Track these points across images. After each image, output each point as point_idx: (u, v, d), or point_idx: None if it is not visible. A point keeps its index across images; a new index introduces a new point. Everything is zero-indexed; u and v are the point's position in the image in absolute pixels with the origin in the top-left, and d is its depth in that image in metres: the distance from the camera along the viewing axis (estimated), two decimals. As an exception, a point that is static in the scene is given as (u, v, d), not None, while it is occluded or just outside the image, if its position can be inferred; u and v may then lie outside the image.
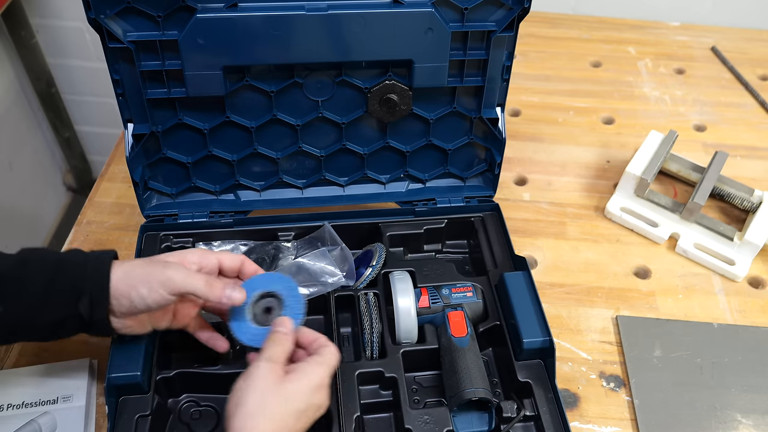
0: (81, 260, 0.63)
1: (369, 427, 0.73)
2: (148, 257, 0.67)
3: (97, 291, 0.62)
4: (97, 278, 0.62)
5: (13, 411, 0.72)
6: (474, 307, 0.79)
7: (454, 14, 0.76)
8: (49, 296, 0.61)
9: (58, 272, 0.61)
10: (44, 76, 1.53)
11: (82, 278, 0.61)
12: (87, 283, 0.61)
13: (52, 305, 0.61)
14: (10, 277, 0.60)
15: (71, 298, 0.61)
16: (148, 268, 0.63)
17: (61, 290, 0.61)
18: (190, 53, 0.73)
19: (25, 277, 0.60)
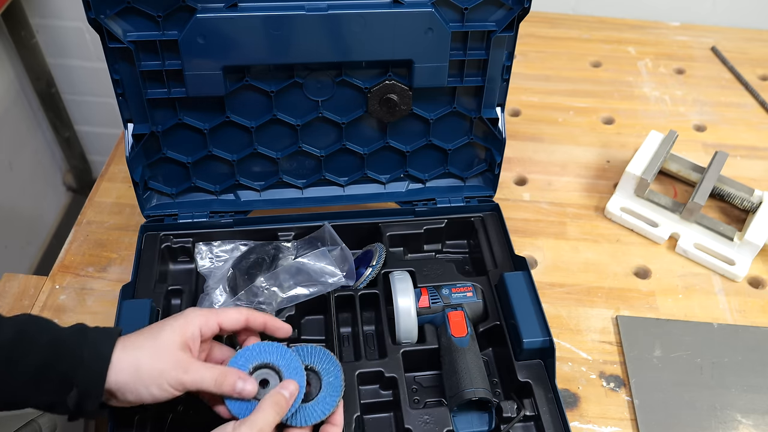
0: (77, 347, 0.59)
1: (369, 427, 0.73)
2: (148, 335, 0.62)
3: (90, 385, 0.58)
4: (92, 373, 0.58)
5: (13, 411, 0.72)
6: (474, 307, 0.79)
7: (454, 14, 0.76)
8: (38, 384, 0.57)
9: (51, 358, 0.57)
10: (44, 76, 1.53)
11: (75, 368, 0.58)
12: (80, 376, 0.58)
13: (42, 392, 0.58)
14: (1, 356, 0.56)
15: (61, 389, 0.58)
16: (153, 367, 0.60)
17: (51, 379, 0.57)
18: (190, 53, 0.73)
19: (17, 359, 0.57)
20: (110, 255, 0.91)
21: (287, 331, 0.69)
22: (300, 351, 0.68)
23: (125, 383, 0.59)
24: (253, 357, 0.65)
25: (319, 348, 0.68)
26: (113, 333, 0.61)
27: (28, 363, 0.57)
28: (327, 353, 0.68)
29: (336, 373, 0.67)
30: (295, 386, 0.62)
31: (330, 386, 0.66)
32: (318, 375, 0.67)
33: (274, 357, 0.65)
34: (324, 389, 0.66)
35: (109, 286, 0.87)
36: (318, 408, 0.64)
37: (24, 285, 0.87)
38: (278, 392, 0.61)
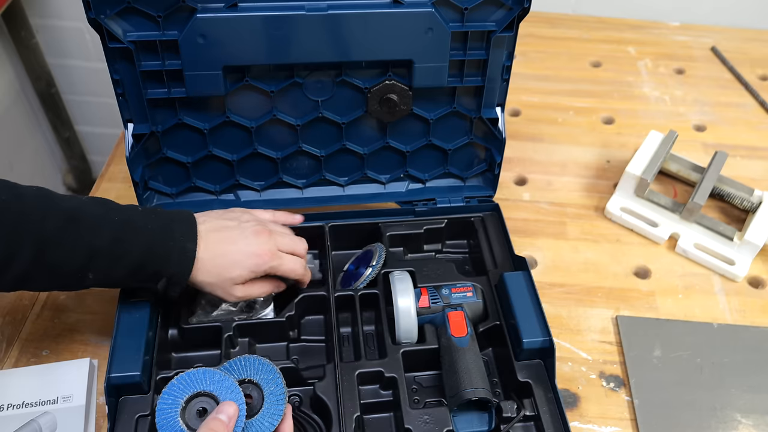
0: (167, 249, 0.68)
1: (369, 427, 0.73)
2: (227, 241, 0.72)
3: (177, 278, 0.69)
4: (180, 270, 0.69)
5: (13, 411, 0.72)
6: (474, 307, 0.79)
7: (454, 14, 0.76)
8: (133, 276, 0.68)
9: (145, 259, 0.67)
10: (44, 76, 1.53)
11: (166, 267, 0.68)
12: (170, 270, 0.68)
13: (136, 281, 0.69)
14: (104, 253, 0.65)
15: (152, 279, 0.69)
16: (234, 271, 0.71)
17: (145, 274, 0.68)
18: (190, 53, 0.73)
19: (117, 257, 0.66)
20: (110, 255, 0.91)
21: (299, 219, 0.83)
22: (235, 365, 0.66)
23: (202, 283, 0.71)
24: (182, 389, 0.63)
25: (254, 358, 0.67)
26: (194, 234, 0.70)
27: (125, 262, 0.66)
28: (263, 362, 0.67)
29: (276, 381, 0.65)
30: (233, 407, 0.61)
31: (273, 395, 0.65)
32: (258, 387, 0.65)
33: (204, 383, 0.63)
34: (267, 400, 0.64)
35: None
36: (265, 421, 0.63)
37: (24, 285, 0.87)
38: (213, 418, 0.60)
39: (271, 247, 0.73)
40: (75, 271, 0.64)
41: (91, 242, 0.64)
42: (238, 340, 0.77)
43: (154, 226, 0.68)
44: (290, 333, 0.80)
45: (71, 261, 0.64)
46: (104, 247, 0.65)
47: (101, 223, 0.65)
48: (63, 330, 0.82)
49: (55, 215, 0.63)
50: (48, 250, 0.62)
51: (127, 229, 0.66)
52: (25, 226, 0.61)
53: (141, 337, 0.72)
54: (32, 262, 0.62)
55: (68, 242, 0.63)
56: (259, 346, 0.79)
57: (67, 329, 0.83)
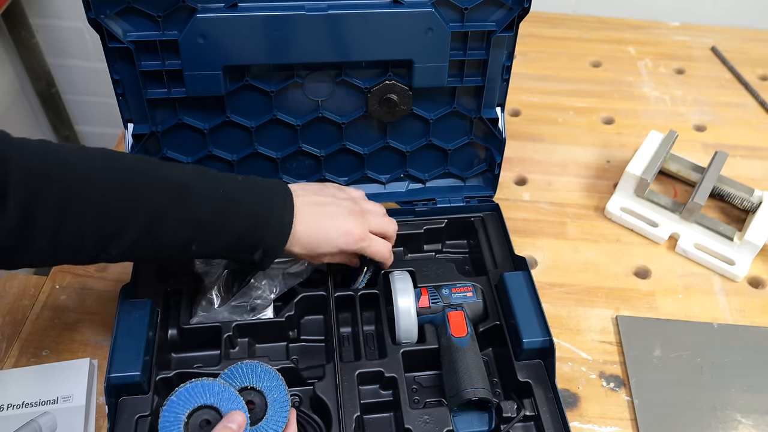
0: (266, 223, 0.69)
1: (369, 427, 0.73)
2: (323, 215, 0.73)
3: (273, 250, 0.69)
4: (276, 242, 0.69)
5: (13, 411, 0.72)
6: (474, 307, 0.79)
7: (454, 14, 0.76)
8: (233, 248, 0.68)
9: (246, 232, 0.67)
10: (44, 76, 1.53)
11: (264, 239, 0.68)
12: (267, 242, 0.69)
13: (233, 252, 0.69)
14: (208, 227, 0.66)
15: (250, 251, 0.69)
16: (329, 245, 0.72)
17: (244, 246, 0.68)
18: (190, 53, 0.73)
19: (220, 230, 0.66)
20: (110, 255, 0.91)
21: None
22: (236, 372, 0.66)
23: (291, 253, 0.72)
24: (183, 405, 0.62)
25: (255, 364, 0.66)
26: (290, 207, 0.70)
27: (226, 237, 0.67)
28: (264, 368, 0.66)
29: (279, 387, 0.65)
30: (241, 416, 0.61)
31: (276, 402, 0.64)
32: (261, 393, 0.65)
33: (204, 397, 0.62)
34: (271, 407, 0.64)
35: (109, 286, 0.87)
36: (269, 428, 0.63)
37: (24, 285, 0.87)
38: (224, 426, 0.60)
39: (363, 229, 0.74)
40: (180, 244, 0.65)
41: (197, 216, 0.65)
42: (238, 340, 0.77)
43: (254, 199, 0.69)
44: (290, 333, 0.80)
45: (177, 235, 0.64)
46: (208, 220, 0.65)
47: (207, 196, 0.66)
48: (63, 330, 0.82)
49: (163, 190, 0.63)
50: (156, 225, 0.62)
51: (231, 203, 0.67)
52: (136, 199, 0.61)
53: (141, 337, 0.72)
54: (141, 236, 0.62)
55: (175, 217, 0.63)
56: (258, 346, 0.79)
57: (67, 329, 0.83)
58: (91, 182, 0.59)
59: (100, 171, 0.61)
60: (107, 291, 0.87)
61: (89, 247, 0.61)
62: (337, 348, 0.75)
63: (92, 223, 0.59)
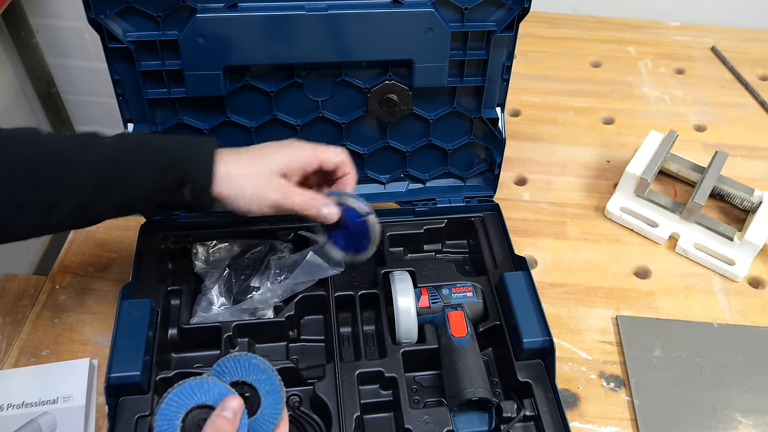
0: (188, 149, 0.68)
1: (369, 427, 0.73)
2: (253, 159, 0.69)
3: (200, 182, 0.67)
4: (201, 173, 0.67)
5: (13, 411, 0.72)
6: (474, 307, 0.79)
7: (454, 14, 0.76)
8: (159, 184, 0.67)
9: (165, 167, 0.66)
10: (44, 76, 1.53)
11: (187, 170, 0.67)
12: (191, 174, 0.67)
13: (161, 194, 0.67)
14: (126, 166, 0.65)
15: (178, 186, 0.67)
16: (256, 188, 0.69)
17: (168, 181, 0.67)
18: (190, 53, 0.73)
19: (138, 167, 0.66)
20: (110, 255, 0.91)
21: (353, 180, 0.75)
22: (225, 366, 0.62)
23: (227, 196, 0.68)
24: (176, 409, 0.58)
25: (242, 357, 0.62)
26: (211, 147, 0.68)
27: (146, 173, 0.66)
28: (252, 360, 0.62)
29: (270, 379, 0.61)
30: (237, 401, 0.58)
31: (269, 394, 0.61)
32: (252, 387, 0.61)
33: (196, 397, 0.59)
34: (264, 399, 0.61)
35: (109, 286, 0.87)
36: (265, 420, 0.60)
37: (24, 285, 0.87)
38: (218, 415, 0.57)
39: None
40: (99, 182, 0.64)
41: (116, 150, 0.65)
42: (238, 340, 0.77)
43: (172, 139, 0.69)
44: (290, 333, 0.80)
45: (94, 172, 0.64)
46: (127, 153, 0.65)
47: (122, 138, 0.67)
48: (63, 330, 0.82)
49: (75, 138, 0.66)
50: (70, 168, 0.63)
51: (146, 139, 0.68)
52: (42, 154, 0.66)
53: (141, 337, 0.72)
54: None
55: (91, 155, 0.64)
56: (258, 346, 0.79)
57: (67, 329, 0.83)
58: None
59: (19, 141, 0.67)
60: (107, 291, 0.87)
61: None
62: (337, 348, 0.75)
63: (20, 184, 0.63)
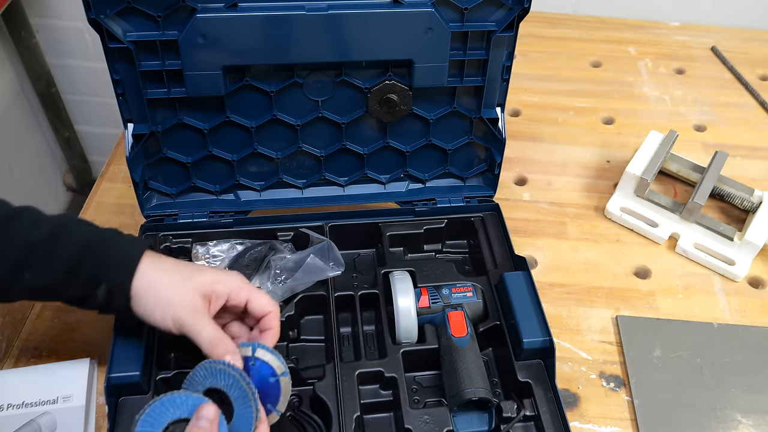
0: (108, 248, 0.63)
1: (369, 427, 0.73)
2: (179, 268, 0.66)
3: (116, 285, 0.63)
4: (119, 274, 0.63)
5: (13, 411, 0.72)
6: (474, 307, 0.79)
7: (454, 14, 0.76)
8: (71, 276, 0.63)
9: (83, 255, 0.62)
10: (44, 76, 1.53)
11: (105, 268, 0.63)
12: (108, 274, 0.63)
13: (74, 284, 0.63)
14: (39, 248, 0.62)
15: (91, 284, 0.63)
16: (169, 295, 0.63)
17: (82, 274, 0.63)
18: (190, 53, 0.73)
19: (52, 255, 0.62)
20: (110, 255, 0.91)
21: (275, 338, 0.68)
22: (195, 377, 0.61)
23: (140, 296, 0.63)
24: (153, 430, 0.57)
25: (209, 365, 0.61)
26: (142, 244, 0.65)
27: (62, 258, 0.62)
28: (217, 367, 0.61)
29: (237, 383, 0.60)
30: (211, 409, 0.56)
31: (239, 399, 0.60)
32: (223, 392, 0.61)
33: (170, 413, 0.58)
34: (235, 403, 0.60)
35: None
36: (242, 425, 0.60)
37: (24, 285, 0.87)
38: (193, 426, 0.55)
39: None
40: (10, 269, 0.61)
41: (28, 238, 0.61)
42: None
43: (98, 229, 0.65)
44: (290, 333, 0.80)
45: (6, 258, 0.61)
46: (41, 241, 0.61)
47: (42, 221, 0.63)
48: (63, 330, 0.82)
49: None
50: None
51: (69, 226, 0.64)
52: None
53: (141, 337, 0.72)
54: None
55: (4, 240, 0.61)
56: (259, 346, 0.79)
57: (67, 329, 0.83)
58: None
59: None
60: (107, 291, 0.87)
61: None
62: (337, 348, 0.75)
63: None
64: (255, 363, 0.64)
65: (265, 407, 0.63)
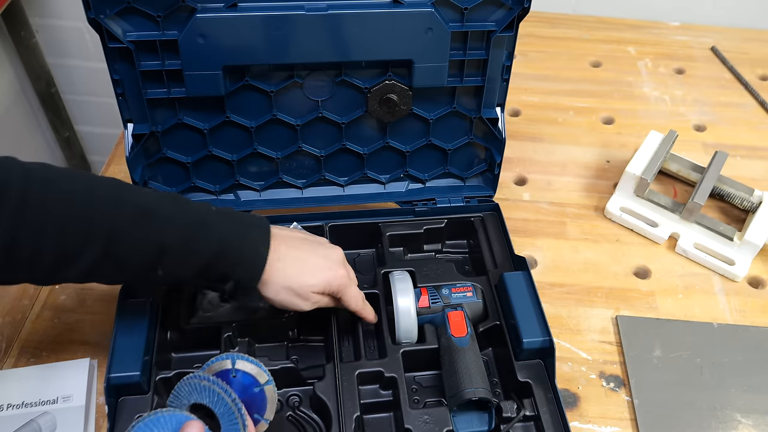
0: (238, 251, 0.66)
1: (369, 427, 0.73)
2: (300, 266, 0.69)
3: (244, 283, 0.67)
4: (248, 276, 0.66)
5: (13, 411, 0.72)
6: (474, 307, 0.79)
7: (454, 14, 0.76)
8: (201, 275, 0.65)
9: (214, 259, 0.65)
10: (44, 76, 1.53)
11: (235, 270, 0.66)
12: (238, 274, 0.66)
13: (204, 279, 0.67)
14: (174, 250, 0.63)
15: (221, 281, 0.66)
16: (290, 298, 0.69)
17: (214, 274, 0.66)
18: (190, 53, 0.73)
19: (187, 254, 0.64)
20: (110, 255, 0.91)
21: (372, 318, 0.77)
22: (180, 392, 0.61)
23: (270, 282, 0.67)
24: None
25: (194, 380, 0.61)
26: (266, 239, 0.67)
27: (195, 261, 0.64)
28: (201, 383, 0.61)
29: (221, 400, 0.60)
30: (196, 426, 0.56)
31: (224, 415, 0.60)
32: (208, 408, 0.60)
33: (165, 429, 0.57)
34: (221, 419, 0.60)
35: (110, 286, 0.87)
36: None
37: (24, 285, 0.87)
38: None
39: (347, 269, 0.73)
40: (144, 266, 0.63)
41: (162, 238, 0.62)
42: (238, 340, 0.77)
43: (227, 226, 0.66)
44: (290, 333, 0.80)
45: (140, 256, 0.62)
46: (175, 243, 0.63)
47: (174, 218, 0.64)
48: (63, 330, 0.82)
49: (128, 208, 0.61)
50: (117, 244, 0.61)
51: (200, 228, 0.64)
52: (96, 218, 0.60)
53: (141, 337, 0.72)
54: (102, 255, 0.60)
55: (139, 237, 0.62)
56: (258, 346, 0.79)
57: (67, 329, 0.83)
58: (51, 198, 0.58)
59: (61, 187, 0.59)
60: (107, 291, 0.87)
61: (45, 264, 0.59)
62: (337, 348, 0.75)
63: (49, 239, 0.58)
64: (236, 375, 0.64)
65: (253, 417, 0.63)
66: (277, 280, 0.67)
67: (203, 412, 0.60)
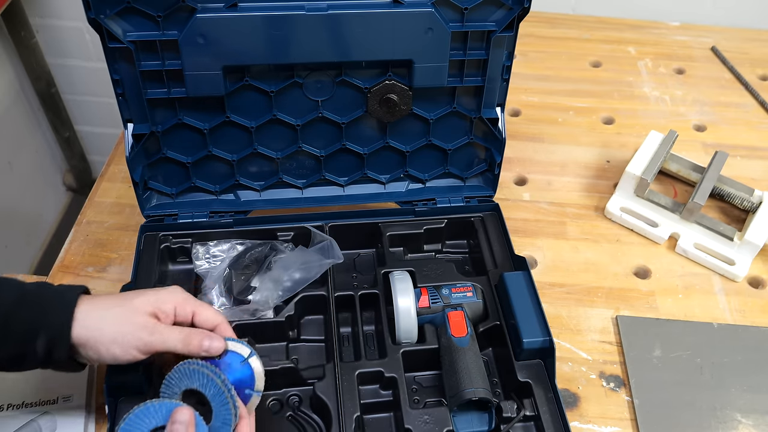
0: (42, 296, 0.60)
1: (369, 427, 0.73)
2: (117, 298, 0.64)
3: (56, 332, 0.59)
4: (57, 320, 0.59)
5: (13, 411, 0.72)
6: (474, 307, 0.79)
7: (454, 14, 0.76)
8: (5, 333, 0.58)
9: (16, 307, 0.58)
10: (44, 76, 1.53)
11: (42, 315, 0.59)
12: (46, 322, 0.59)
13: (9, 341, 0.59)
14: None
15: (28, 337, 0.59)
16: (119, 326, 0.61)
17: (17, 327, 0.59)
18: (190, 53, 0.73)
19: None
20: (110, 255, 0.91)
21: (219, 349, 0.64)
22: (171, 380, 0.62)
23: (87, 340, 0.60)
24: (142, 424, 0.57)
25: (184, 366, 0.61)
26: (77, 288, 0.62)
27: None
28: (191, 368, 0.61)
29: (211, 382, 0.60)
30: (186, 413, 0.56)
31: (215, 397, 0.60)
32: (200, 393, 0.61)
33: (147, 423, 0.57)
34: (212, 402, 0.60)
35: (109, 286, 0.87)
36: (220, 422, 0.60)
37: (24, 285, 0.87)
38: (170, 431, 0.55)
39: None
40: None
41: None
42: (238, 340, 0.77)
43: (25, 283, 0.61)
44: (290, 333, 0.80)
45: None
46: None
47: None
48: (63, 330, 0.82)
49: None
50: None
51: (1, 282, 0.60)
52: None
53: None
54: None
55: None
56: (258, 346, 0.79)
57: (67, 329, 0.82)
58: None
59: None
60: (107, 291, 0.87)
61: None
62: (337, 348, 0.75)
63: None
64: (221, 356, 0.64)
65: (244, 393, 0.64)
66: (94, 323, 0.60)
67: (195, 399, 0.61)
